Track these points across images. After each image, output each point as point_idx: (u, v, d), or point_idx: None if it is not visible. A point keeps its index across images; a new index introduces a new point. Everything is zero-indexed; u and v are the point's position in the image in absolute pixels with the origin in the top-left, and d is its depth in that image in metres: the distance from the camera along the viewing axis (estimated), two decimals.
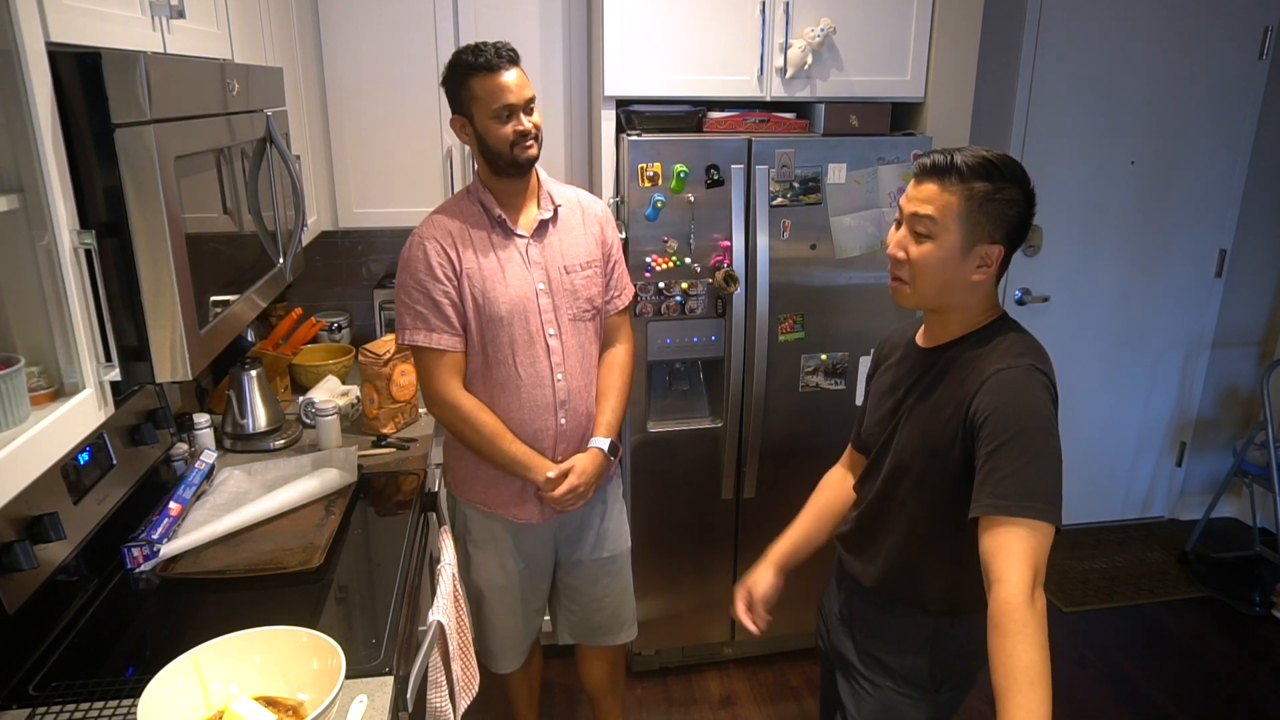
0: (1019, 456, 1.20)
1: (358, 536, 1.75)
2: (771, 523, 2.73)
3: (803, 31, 2.36)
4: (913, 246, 1.32)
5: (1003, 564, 1.16)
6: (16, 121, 0.98)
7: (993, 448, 1.22)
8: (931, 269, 1.31)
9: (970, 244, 1.28)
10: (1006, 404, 1.24)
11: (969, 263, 1.30)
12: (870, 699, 1.52)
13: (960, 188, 1.26)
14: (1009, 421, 1.22)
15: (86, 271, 1.08)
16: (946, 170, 1.27)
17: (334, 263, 2.92)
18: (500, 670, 2.12)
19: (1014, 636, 1.11)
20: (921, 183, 1.30)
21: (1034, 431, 1.22)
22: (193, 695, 1.13)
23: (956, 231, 1.28)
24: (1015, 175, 1.28)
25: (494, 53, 1.69)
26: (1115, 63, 3.14)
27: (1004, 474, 1.20)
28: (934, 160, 1.29)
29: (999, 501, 1.19)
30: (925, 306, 1.38)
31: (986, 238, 1.28)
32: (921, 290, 1.34)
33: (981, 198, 1.26)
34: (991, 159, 1.27)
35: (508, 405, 1.83)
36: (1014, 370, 1.27)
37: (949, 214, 1.27)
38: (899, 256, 1.34)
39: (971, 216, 1.27)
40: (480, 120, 1.73)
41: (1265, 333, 3.61)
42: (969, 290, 1.33)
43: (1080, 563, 3.44)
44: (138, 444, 1.72)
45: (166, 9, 1.32)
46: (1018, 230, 1.30)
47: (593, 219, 1.91)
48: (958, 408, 1.30)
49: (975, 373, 1.30)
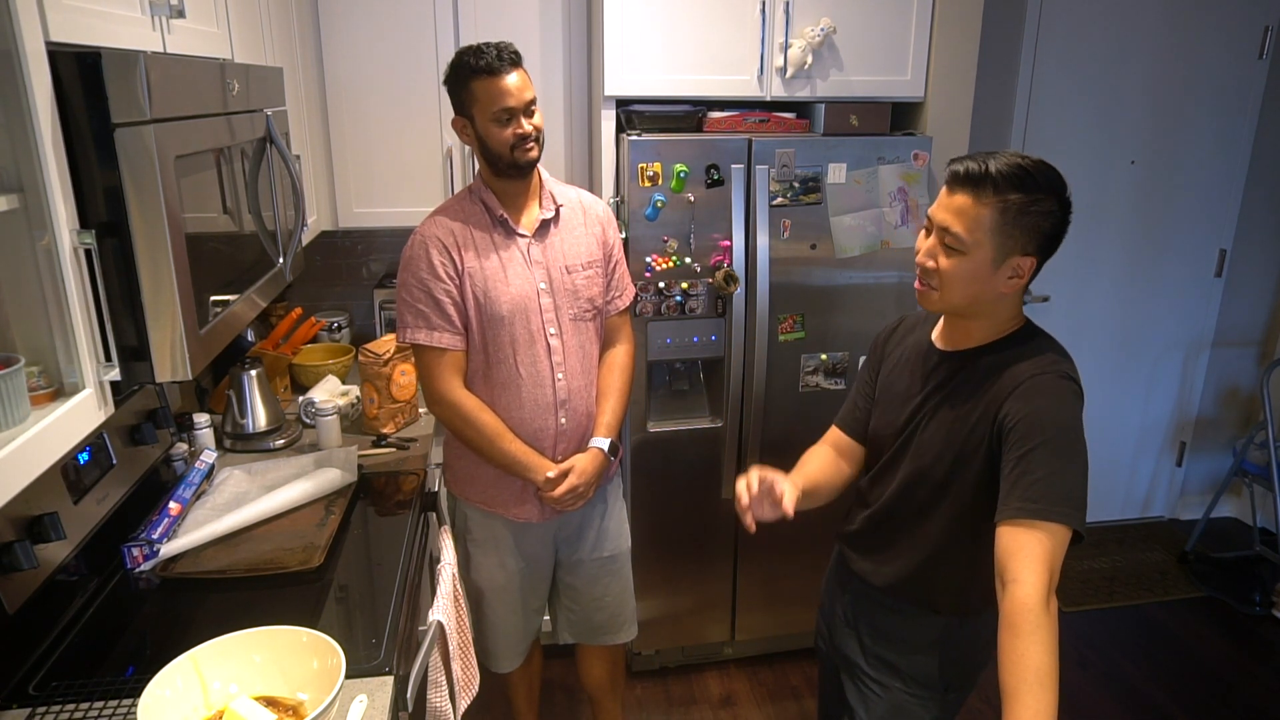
0: (1051, 461, 1.20)
1: (358, 536, 1.75)
2: (772, 522, 2.74)
3: (803, 31, 2.36)
4: (942, 258, 1.29)
5: (1020, 565, 1.15)
6: (16, 121, 0.98)
7: (1024, 451, 1.22)
8: (961, 282, 1.29)
9: (1002, 257, 1.26)
10: (1039, 409, 1.23)
11: (1000, 275, 1.28)
12: (880, 701, 1.52)
13: (994, 200, 1.23)
14: (1041, 427, 1.22)
15: (86, 271, 1.08)
16: (981, 180, 1.23)
17: (334, 263, 2.92)
18: (500, 670, 2.12)
19: (1028, 637, 1.11)
20: (954, 192, 1.26)
21: (1067, 438, 1.22)
22: (193, 695, 1.13)
23: (988, 246, 1.25)
24: (1052, 184, 1.24)
25: (495, 55, 1.69)
26: (1115, 62, 3.14)
27: (1035, 478, 1.19)
28: (968, 169, 1.25)
29: (1030, 505, 1.18)
30: (953, 312, 1.37)
31: (1019, 250, 1.25)
32: (949, 300, 1.32)
33: (1016, 210, 1.23)
34: (1027, 167, 1.23)
35: (508, 404, 1.83)
36: (1047, 377, 1.26)
37: (981, 228, 1.24)
38: (929, 265, 1.31)
39: (1005, 230, 1.24)
40: (481, 122, 1.73)
41: (1265, 333, 3.61)
42: (998, 300, 1.32)
43: (1080, 563, 3.44)
44: (138, 444, 1.72)
45: (166, 9, 1.32)
46: (1051, 241, 1.27)
47: (594, 219, 1.92)
48: (986, 413, 1.30)
49: (1007, 378, 1.29)
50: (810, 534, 2.69)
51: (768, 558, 2.70)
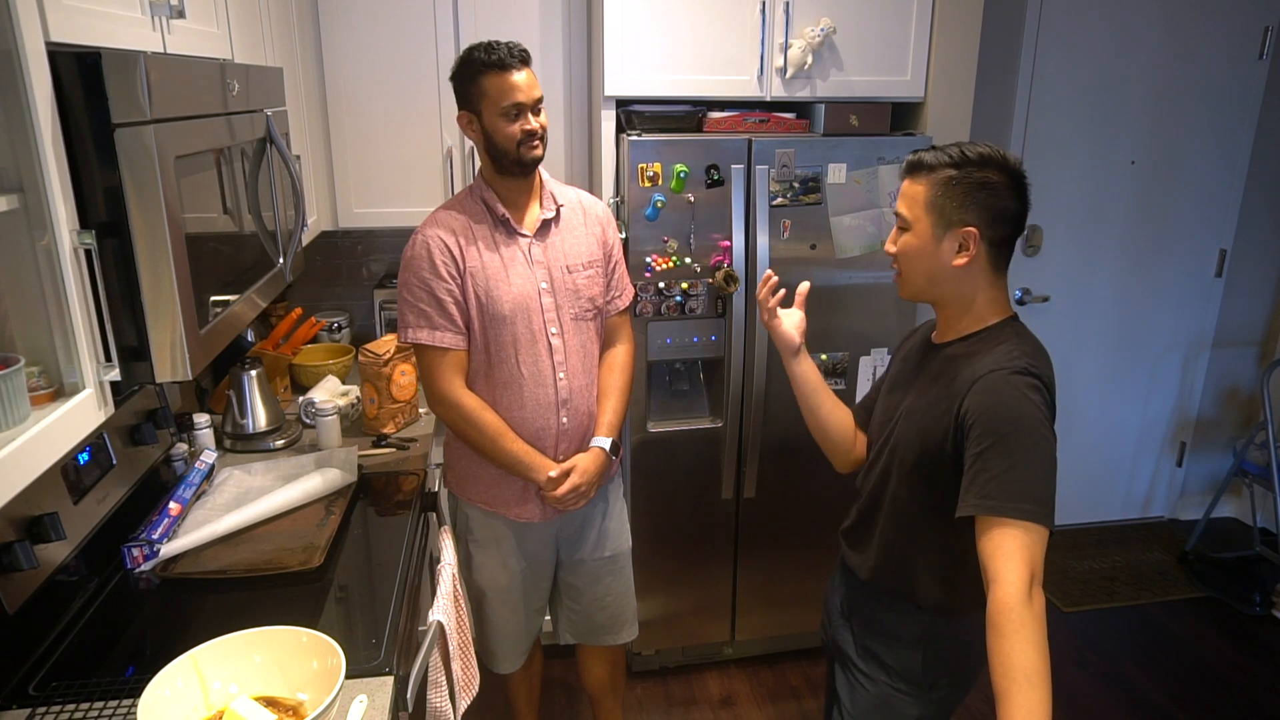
0: (1006, 458, 1.21)
1: (358, 536, 1.75)
2: (772, 522, 2.75)
3: (803, 31, 2.36)
4: (897, 240, 1.40)
5: (999, 564, 1.17)
6: (16, 121, 0.98)
7: (980, 449, 1.24)
8: (911, 258, 1.38)
9: (943, 228, 1.33)
10: (994, 406, 1.25)
11: (946, 248, 1.34)
12: (865, 692, 1.53)
13: (928, 177, 1.34)
14: (996, 423, 1.24)
15: (86, 271, 1.08)
16: (917, 166, 1.36)
17: (334, 263, 2.92)
18: (501, 670, 2.12)
19: (1011, 636, 1.12)
20: (903, 181, 1.39)
21: (1022, 434, 1.23)
22: (193, 695, 1.13)
23: (926, 219, 1.34)
24: (990, 161, 1.31)
25: (507, 51, 1.70)
26: (1115, 63, 3.14)
27: (991, 475, 1.21)
28: (908, 160, 1.38)
29: (985, 502, 1.21)
30: (920, 297, 1.42)
31: (958, 221, 1.32)
32: (910, 280, 1.40)
33: (948, 182, 1.32)
34: (962, 147, 1.33)
35: (510, 404, 1.84)
36: (1004, 373, 1.27)
37: (919, 204, 1.35)
38: (890, 250, 1.43)
39: (938, 202, 1.33)
40: (488, 117, 1.74)
41: (1265, 333, 3.61)
42: (958, 279, 1.35)
43: (1080, 563, 3.44)
44: (138, 444, 1.72)
45: (166, 9, 1.32)
46: (996, 214, 1.31)
47: (595, 220, 1.92)
48: (949, 406, 1.32)
49: (969, 372, 1.31)
50: (810, 534, 2.69)
51: (768, 558, 2.70)
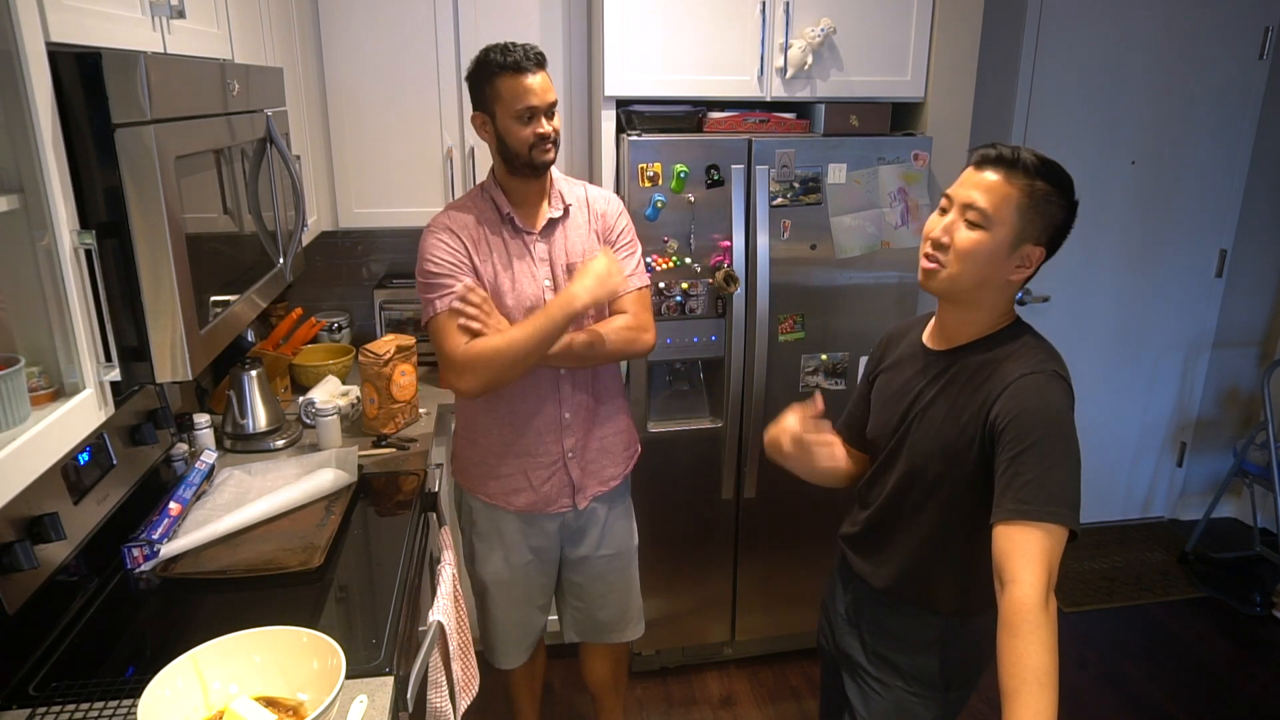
0: (1042, 461, 1.21)
1: (358, 536, 1.75)
2: (772, 523, 2.75)
3: (803, 31, 2.36)
4: (962, 232, 1.29)
5: (1017, 565, 1.16)
6: (16, 121, 0.98)
7: (1015, 453, 1.22)
8: (977, 259, 1.29)
9: (1019, 240, 1.28)
10: (1029, 409, 1.24)
11: (1012, 260, 1.30)
12: (880, 699, 1.52)
13: (1024, 182, 1.26)
14: (1032, 427, 1.23)
15: (86, 271, 1.08)
16: (1013, 163, 1.27)
17: (334, 263, 2.92)
18: (502, 666, 2.12)
19: (1026, 637, 1.11)
20: (983, 170, 1.29)
21: (1057, 437, 1.22)
22: (193, 695, 1.13)
23: (1010, 226, 1.27)
24: (1068, 183, 1.29)
25: (523, 54, 1.70)
26: (1115, 63, 3.14)
27: (1027, 479, 1.20)
28: (1000, 152, 1.28)
29: (1023, 506, 1.19)
30: (953, 296, 1.35)
31: (1034, 238, 1.28)
32: (958, 278, 1.31)
33: (1041, 196, 1.26)
34: (1052, 162, 1.27)
35: (512, 398, 1.84)
36: (1037, 376, 1.27)
37: (1009, 206, 1.26)
38: (944, 240, 1.31)
39: (1027, 214, 1.27)
40: (502, 120, 1.74)
41: (1265, 333, 3.61)
42: (1001, 288, 1.33)
43: (1080, 563, 3.44)
44: (138, 444, 1.72)
45: (166, 9, 1.32)
46: (1058, 237, 1.31)
47: (595, 214, 1.92)
48: (977, 412, 1.30)
49: (997, 377, 1.30)
50: (810, 534, 2.69)
51: (768, 558, 2.70)
